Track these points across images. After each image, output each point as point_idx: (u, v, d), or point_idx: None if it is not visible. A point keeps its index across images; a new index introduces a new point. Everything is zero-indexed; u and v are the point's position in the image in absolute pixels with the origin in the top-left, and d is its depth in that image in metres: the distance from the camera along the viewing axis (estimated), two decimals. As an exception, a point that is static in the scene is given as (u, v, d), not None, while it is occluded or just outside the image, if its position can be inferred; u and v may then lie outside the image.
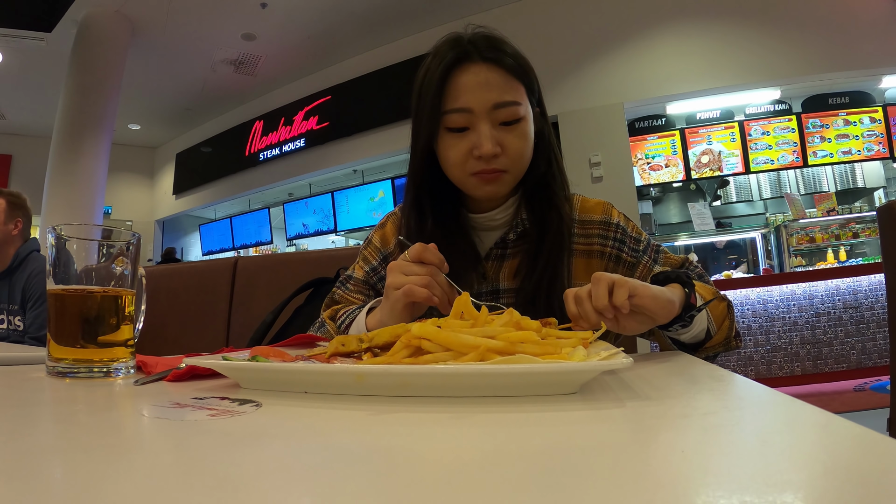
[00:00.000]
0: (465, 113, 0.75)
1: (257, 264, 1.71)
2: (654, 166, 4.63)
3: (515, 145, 0.77)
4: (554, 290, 0.78)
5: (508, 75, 0.77)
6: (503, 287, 0.84)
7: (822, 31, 4.06)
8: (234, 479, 0.23)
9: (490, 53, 0.77)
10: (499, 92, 0.75)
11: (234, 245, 6.93)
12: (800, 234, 4.30)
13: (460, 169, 0.78)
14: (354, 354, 0.52)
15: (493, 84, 0.75)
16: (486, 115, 0.75)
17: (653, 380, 0.45)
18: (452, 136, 0.78)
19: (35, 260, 1.96)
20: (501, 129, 0.76)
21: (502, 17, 4.83)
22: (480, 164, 0.76)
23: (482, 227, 0.86)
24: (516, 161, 0.78)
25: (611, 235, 0.85)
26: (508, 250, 0.85)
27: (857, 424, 0.26)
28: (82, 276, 0.59)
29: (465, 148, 0.76)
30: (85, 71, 4.74)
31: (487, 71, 0.76)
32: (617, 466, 0.23)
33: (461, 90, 0.76)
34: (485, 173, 0.77)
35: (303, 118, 6.04)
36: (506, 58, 0.77)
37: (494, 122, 0.76)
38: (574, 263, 0.84)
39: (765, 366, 3.53)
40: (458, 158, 0.77)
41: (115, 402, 0.46)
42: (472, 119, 0.76)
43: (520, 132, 0.77)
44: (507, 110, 0.75)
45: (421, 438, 0.30)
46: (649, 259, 0.85)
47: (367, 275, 0.92)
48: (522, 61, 0.80)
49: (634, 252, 0.85)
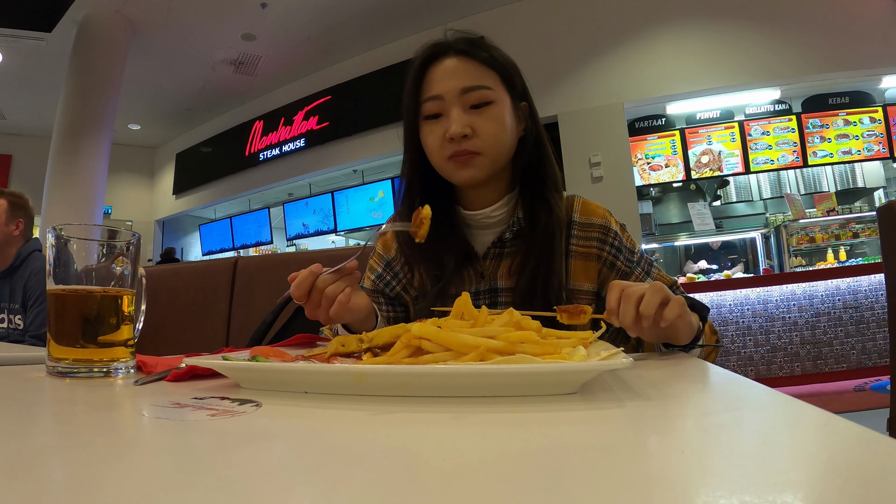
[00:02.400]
0: (437, 100, 0.81)
1: (257, 264, 1.71)
2: (654, 166, 4.63)
3: (486, 127, 0.80)
4: (550, 286, 0.80)
5: (480, 65, 0.81)
6: (501, 286, 0.85)
7: (822, 31, 4.06)
8: (234, 479, 0.23)
9: (462, 47, 0.82)
10: (467, 78, 0.80)
11: (234, 245, 6.93)
12: (800, 234, 4.30)
13: (438, 154, 0.82)
14: (354, 354, 0.52)
15: (462, 72, 0.81)
16: (457, 100, 0.80)
17: (653, 380, 0.45)
18: (429, 124, 0.82)
19: (36, 259, 1.96)
20: (473, 113, 0.80)
21: (502, 17, 4.83)
22: (454, 146, 0.79)
23: (478, 225, 0.88)
24: (490, 143, 0.80)
25: (609, 241, 0.86)
26: (506, 249, 0.86)
27: (857, 424, 0.26)
28: (82, 276, 0.59)
29: (440, 133, 0.80)
30: (85, 71, 4.74)
31: (458, 62, 0.81)
32: (617, 466, 0.23)
33: (434, 81, 0.82)
34: (458, 155, 0.80)
35: (303, 118, 6.04)
36: (478, 51, 0.82)
37: (465, 106, 0.80)
38: (572, 265, 0.85)
39: (765, 366, 3.53)
40: (435, 144, 0.82)
41: (115, 402, 0.46)
42: (444, 105, 0.80)
43: (490, 115, 0.80)
44: (475, 93, 0.79)
45: (421, 438, 0.30)
46: (642, 271, 0.86)
47: (375, 283, 0.94)
48: (499, 56, 0.84)
49: (629, 262, 0.86)
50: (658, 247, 4.75)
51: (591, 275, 0.86)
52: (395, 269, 0.92)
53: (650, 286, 0.57)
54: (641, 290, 0.57)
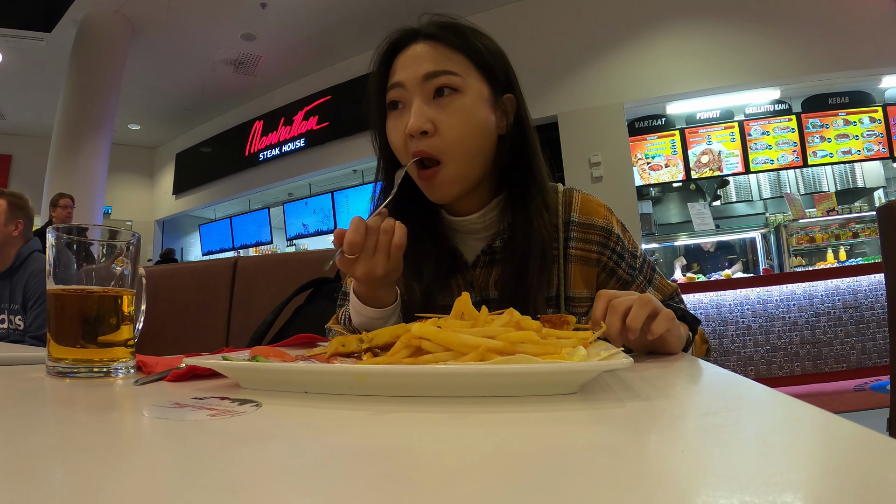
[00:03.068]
0: (398, 88, 0.72)
1: (257, 264, 1.71)
2: (654, 166, 4.63)
3: (449, 123, 0.69)
4: (530, 303, 0.73)
5: (449, 50, 0.72)
6: (493, 296, 0.78)
7: (822, 31, 4.06)
8: (234, 479, 0.23)
9: (432, 31, 0.73)
10: (431, 63, 0.70)
11: (233, 245, 6.93)
12: (800, 234, 4.30)
13: (405, 154, 0.73)
14: (354, 354, 0.52)
15: (426, 56, 0.71)
16: (419, 89, 0.70)
17: (653, 380, 0.45)
18: (392, 116, 0.74)
19: (36, 260, 1.96)
20: (436, 105, 0.70)
21: (503, 17, 4.83)
22: (413, 143, 0.70)
23: (465, 230, 0.81)
24: (452, 144, 0.70)
25: (610, 246, 0.79)
26: (497, 256, 0.78)
27: (857, 424, 0.26)
28: (82, 276, 0.59)
29: (402, 128, 0.71)
30: (85, 71, 4.74)
31: (424, 46, 0.72)
32: (617, 466, 0.23)
33: (398, 67, 0.73)
34: (419, 154, 0.70)
35: (303, 118, 6.05)
36: (449, 36, 0.72)
37: (427, 96, 0.70)
38: (571, 270, 0.79)
39: (765, 366, 3.53)
40: (398, 142, 0.73)
41: (115, 402, 0.46)
42: (405, 94, 0.71)
43: (456, 107, 0.70)
44: (438, 79, 0.70)
45: (421, 438, 0.30)
46: (644, 280, 0.81)
47: None
48: (476, 40, 0.74)
49: (631, 269, 0.80)
50: (658, 247, 4.75)
51: (590, 281, 0.79)
52: None
53: (638, 298, 0.54)
54: (629, 301, 0.54)
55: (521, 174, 0.77)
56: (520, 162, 0.78)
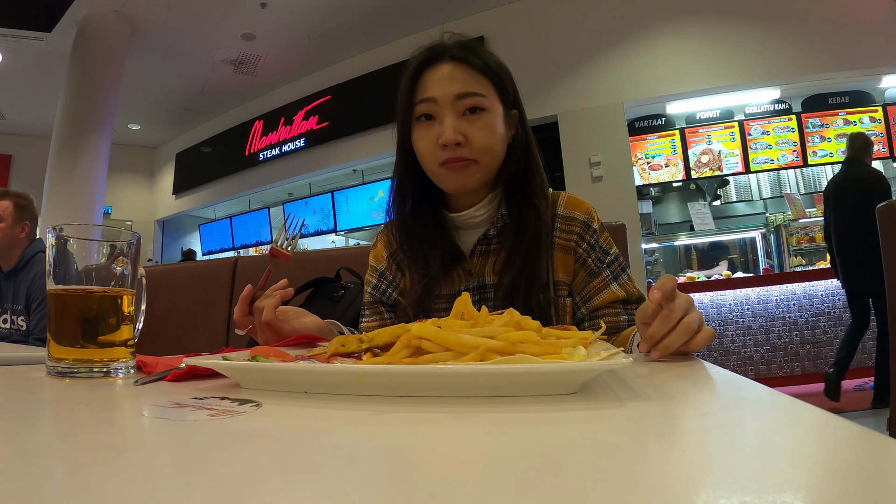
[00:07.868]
0: (430, 102, 0.82)
1: (257, 264, 1.71)
2: (654, 166, 4.63)
3: (479, 136, 0.81)
4: (532, 287, 0.82)
5: (474, 72, 0.83)
6: (489, 282, 0.88)
7: (822, 31, 4.05)
8: (234, 479, 0.23)
9: (458, 53, 0.84)
10: (462, 84, 0.81)
11: (234, 245, 6.93)
12: (800, 233, 4.30)
13: (431, 160, 0.83)
14: (354, 354, 0.52)
15: (457, 78, 0.82)
16: (450, 106, 0.81)
17: (653, 380, 0.45)
18: (421, 126, 0.84)
19: (40, 261, 1.96)
20: (465, 120, 0.81)
21: (502, 17, 4.83)
22: (447, 152, 0.81)
23: (464, 225, 0.90)
24: (482, 152, 0.82)
25: (586, 238, 0.89)
26: (493, 245, 0.89)
27: (857, 424, 0.26)
28: (82, 276, 0.59)
29: (432, 138, 0.82)
30: (85, 71, 4.73)
31: (453, 67, 0.83)
32: (617, 466, 0.23)
33: (428, 84, 0.83)
34: (452, 161, 0.81)
35: (303, 118, 6.04)
36: (473, 58, 0.83)
37: (458, 112, 0.81)
38: (555, 257, 0.88)
39: (765, 366, 3.53)
40: (427, 149, 0.83)
41: (115, 402, 0.46)
42: (437, 109, 0.82)
43: (483, 123, 0.82)
44: (469, 100, 0.81)
45: (421, 438, 0.30)
46: (610, 275, 0.88)
47: (372, 294, 0.98)
48: (493, 62, 0.86)
49: (599, 263, 0.88)
50: (658, 246, 4.75)
51: (567, 268, 0.89)
52: (389, 277, 0.96)
53: (690, 313, 0.55)
54: (682, 310, 0.54)
55: (525, 178, 0.88)
56: (522, 168, 0.89)
